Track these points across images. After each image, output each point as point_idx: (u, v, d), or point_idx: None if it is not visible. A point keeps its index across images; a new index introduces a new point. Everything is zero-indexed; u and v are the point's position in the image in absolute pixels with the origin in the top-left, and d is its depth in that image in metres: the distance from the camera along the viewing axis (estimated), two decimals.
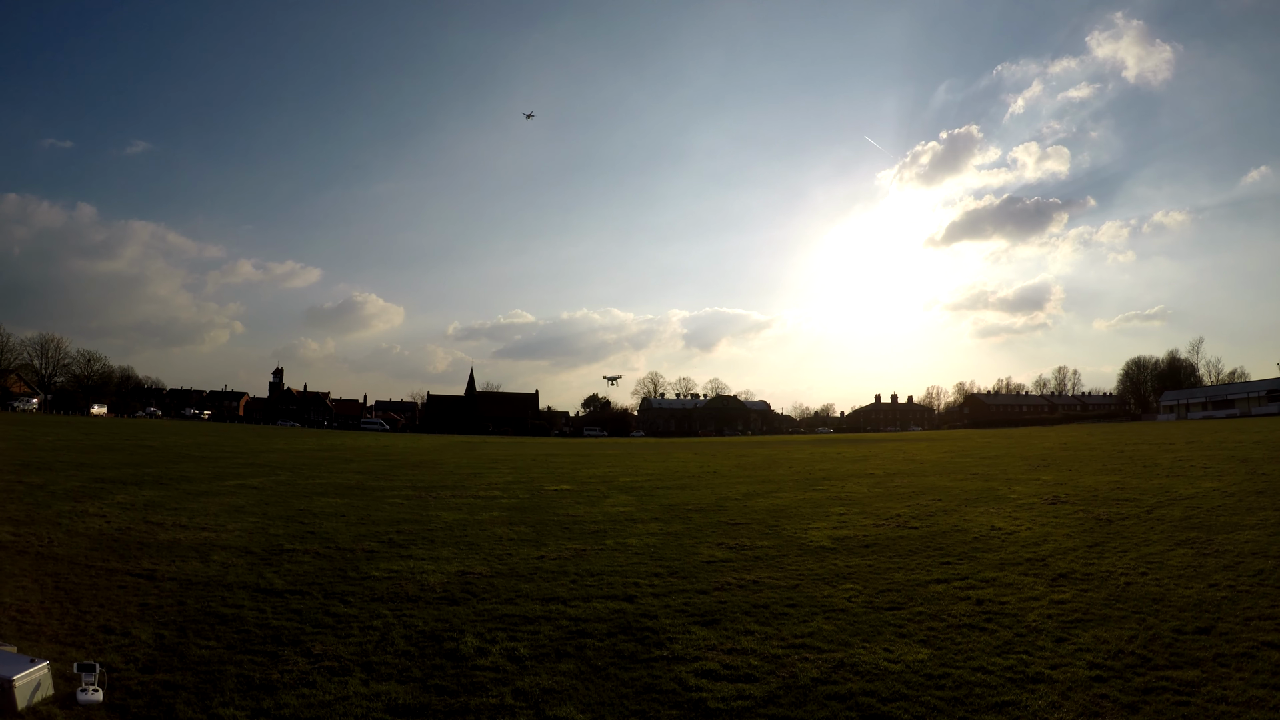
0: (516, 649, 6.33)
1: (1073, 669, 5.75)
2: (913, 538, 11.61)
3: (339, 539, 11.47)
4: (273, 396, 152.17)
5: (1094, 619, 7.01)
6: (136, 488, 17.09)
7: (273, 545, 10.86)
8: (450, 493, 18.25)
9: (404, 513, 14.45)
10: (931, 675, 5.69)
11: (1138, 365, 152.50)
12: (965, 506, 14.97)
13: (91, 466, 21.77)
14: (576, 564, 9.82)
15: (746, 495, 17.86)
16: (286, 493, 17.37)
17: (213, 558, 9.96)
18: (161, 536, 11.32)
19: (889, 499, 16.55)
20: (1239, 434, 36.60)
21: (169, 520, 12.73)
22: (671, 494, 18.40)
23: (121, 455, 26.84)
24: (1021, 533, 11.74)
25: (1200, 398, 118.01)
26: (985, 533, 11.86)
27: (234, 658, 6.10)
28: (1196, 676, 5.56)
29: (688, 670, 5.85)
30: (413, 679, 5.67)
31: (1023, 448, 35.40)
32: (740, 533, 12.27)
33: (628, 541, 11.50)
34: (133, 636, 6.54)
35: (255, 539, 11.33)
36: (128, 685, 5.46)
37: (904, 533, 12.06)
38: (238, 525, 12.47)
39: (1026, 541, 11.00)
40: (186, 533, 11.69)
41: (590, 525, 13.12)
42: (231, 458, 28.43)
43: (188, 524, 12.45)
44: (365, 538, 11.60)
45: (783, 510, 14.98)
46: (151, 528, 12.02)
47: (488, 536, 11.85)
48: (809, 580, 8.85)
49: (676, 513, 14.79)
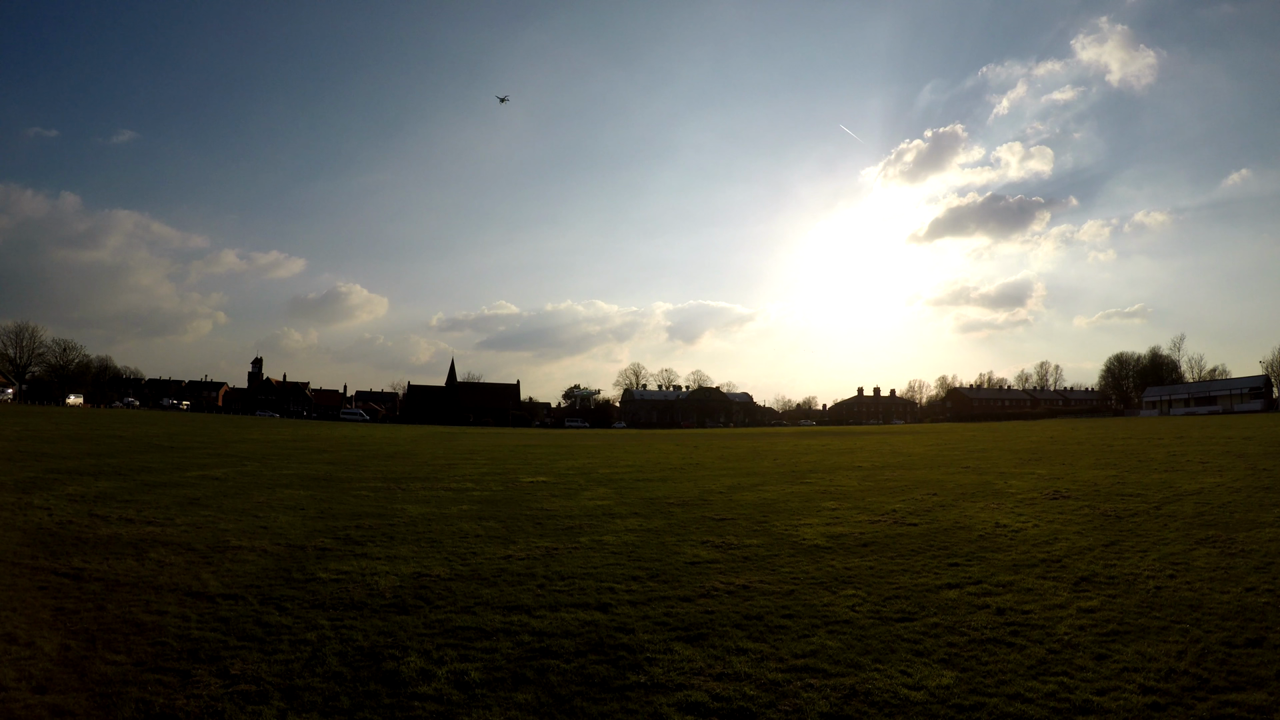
0: (467, 672, 5.35)
1: (1124, 695, 4.89)
2: (913, 535, 10.77)
3: (292, 534, 10.50)
4: (251, 387, 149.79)
5: (1132, 630, 6.16)
6: (93, 478, 16.09)
7: (218, 541, 9.89)
8: (421, 484, 17.27)
9: (368, 506, 13.47)
10: (962, 706, 4.79)
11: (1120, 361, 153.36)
12: (963, 501, 14.19)
13: (52, 457, 20.72)
14: (546, 565, 8.81)
15: (731, 488, 17.00)
16: (249, 484, 16.35)
17: (150, 555, 9.01)
18: (102, 531, 10.34)
19: (882, 493, 15.75)
20: (1227, 430, 36.23)
21: (115, 514, 11.73)
22: (653, 487, 17.49)
23: (87, 445, 25.67)
24: (1029, 530, 10.95)
25: (1183, 394, 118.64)
26: (991, 530, 11.05)
27: (140, 676, 5.18)
28: (1264, 700, 4.74)
29: (670, 703, 4.90)
30: (338, 710, 4.70)
31: (1010, 441, 34.85)
32: (726, 529, 11.38)
33: (604, 539, 10.53)
34: (36, 648, 5.67)
35: (201, 534, 10.36)
36: (12, 710, 4.60)
37: (903, 530, 11.22)
38: (187, 519, 11.47)
39: (1037, 540, 10.19)
40: (130, 527, 10.71)
41: (565, 520, 12.15)
42: (200, 448, 27.27)
43: (134, 518, 11.46)
44: (320, 533, 10.63)
45: (771, 505, 14.13)
46: (95, 521, 11.04)
47: (453, 533, 10.87)
48: (806, 585, 7.92)
49: (658, 507, 13.88)
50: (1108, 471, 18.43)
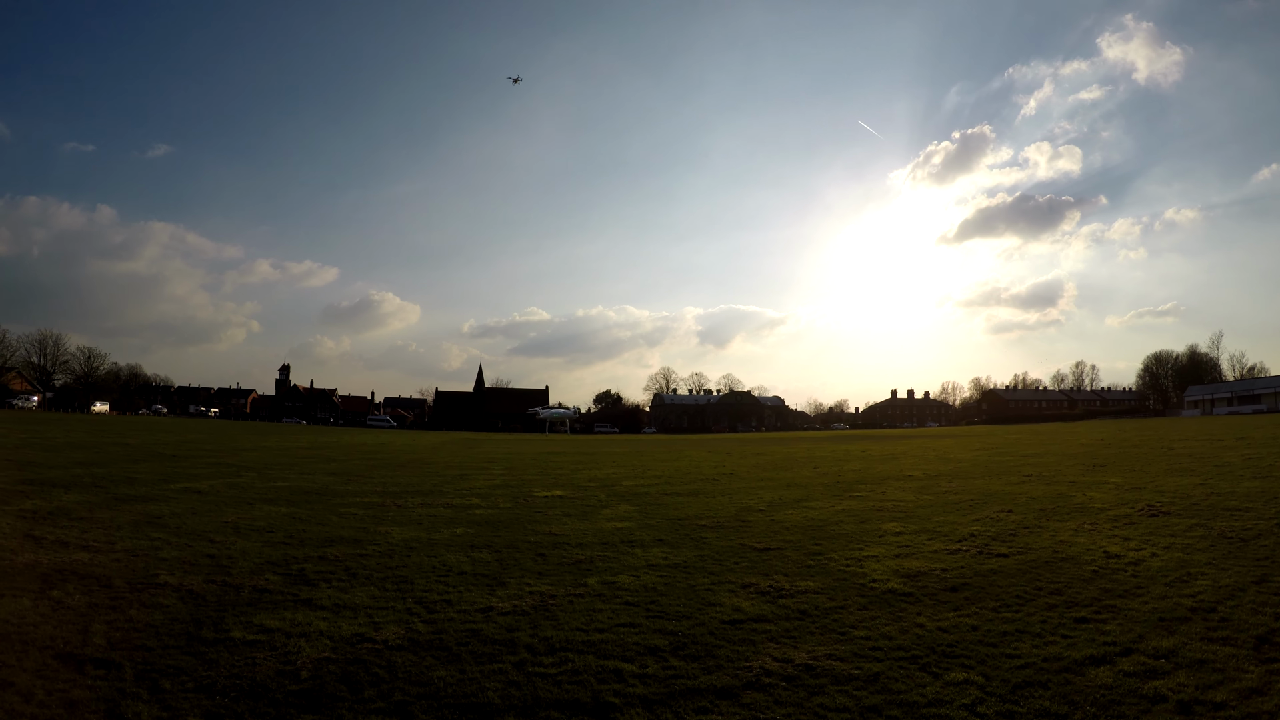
0: None
1: None
2: (1009, 571, 8.56)
3: (238, 567, 8.61)
4: (279, 394, 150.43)
5: None
6: (63, 490, 14.51)
7: (144, 575, 8.05)
8: (420, 500, 15.36)
9: (347, 528, 11.57)
10: None
11: (1158, 360, 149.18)
12: (1048, 520, 11.94)
13: (38, 466, 19.25)
14: (535, 625, 6.65)
15: (772, 505, 14.86)
16: (230, 499, 14.59)
17: (53, 593, 7.24)
18: (22, 558, 8.60)
19: (947, 510, 13.51)
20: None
21: (54, 535, 10.02)
22: (681, 503, 15.37)
23: (84, 454, 24.19)
24: (1149, 561, 8.72)
25: (1225, 393, 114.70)
26: (1102, 562, 8.82)
27: None
28: None
29: None
30: None
31: (1060, 445, 32.37)
32: (773, 564, 9.24)
33: (618, 580, 8.40)
34: None
35: (133, 564, 8.56)
36: None
37: (994, 563, 9.01)
38: (128, 544, 9.67)
39: (1166, 576, 7.98)
40: (60, 553, 8.97)
41: (574, 551, 10.09)
42: (203, 457, 25.72)
43: (72, 540, 9.72)
44: (273, 566, 8.73)
45: (821, 527, 11.96)
46: (25, 544, 9.34)
47: (432, 568, 8.86)
48: (893, 663, 5.68)
49: (687, 530, 11.79)
50: (1189, 479, 16.11)
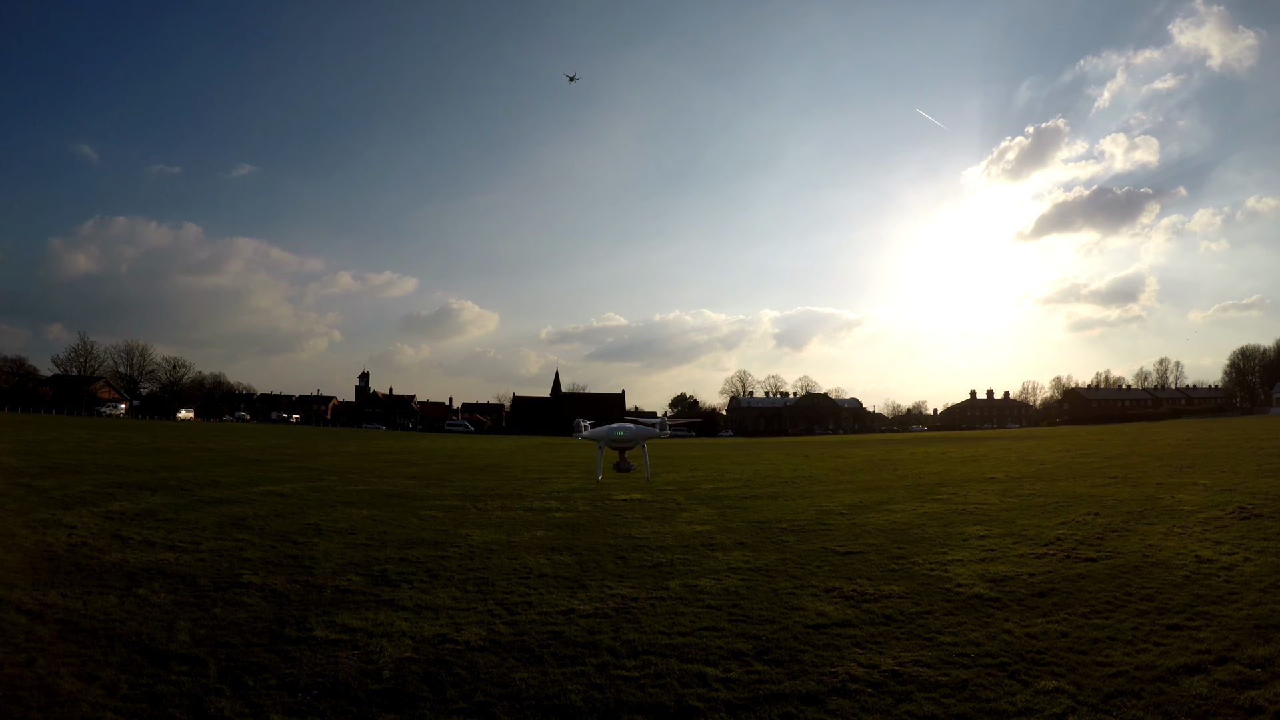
0: None
1: None
2: (1098, 575, 8.04)
3: (320, 568, 8.60)
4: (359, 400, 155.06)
5: None
6: (149, 493, 14.98)
7: (228, 575, 8.11)
8: (499, 503, 15.31)
9: (429, 530, 11.53)
10: None
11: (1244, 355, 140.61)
12: (1136, 523, 11.24)
13: (125, 469, 20.00)
14: (616, 628, 6.41)
15: (853, 508, 14.26)
16: (312, 502, 14.82)
17: (138, 590, 7.34)
18: (110, 557, 8.78)
19: (1032, 513, 12.77)
20: None
21: (141, 535, 10.26)
22: (761, 506, 14.91)
23: (169, 458, 25.14)
24: (1242, 566, 8.09)
25: None
26: (1192, 566, 8.24)
27: None
28: None
29: None
30: None
31: (1145, 445, 30.83)
32: (856, 567, 8.78)
33: (700, 583, 8.09)
34: None
35: (218, 564, 8.66)
36: None
37: (1082, 568, 8.44)
38: (213, 544, 9.82)
39: (1261, 581, 7.48)
40: (147, 552, 9.15)
41: (655, 554, 9.79)
42: (285, 461, 26.49)
43: (158, 541, 9.93)
44: (355, 567, 8.69)
45: (904, 531, 11.38)
46: (112, 544, 9.57)
47: (513, 570, 8.70)
48: (981, 669, 5.33)
49: (768, 534, 11.34)
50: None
